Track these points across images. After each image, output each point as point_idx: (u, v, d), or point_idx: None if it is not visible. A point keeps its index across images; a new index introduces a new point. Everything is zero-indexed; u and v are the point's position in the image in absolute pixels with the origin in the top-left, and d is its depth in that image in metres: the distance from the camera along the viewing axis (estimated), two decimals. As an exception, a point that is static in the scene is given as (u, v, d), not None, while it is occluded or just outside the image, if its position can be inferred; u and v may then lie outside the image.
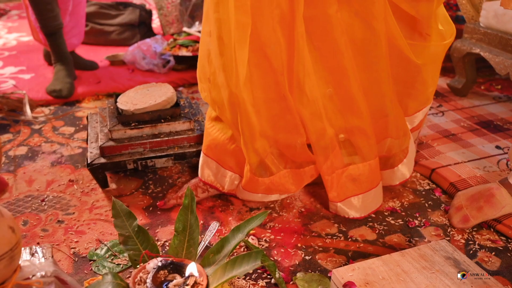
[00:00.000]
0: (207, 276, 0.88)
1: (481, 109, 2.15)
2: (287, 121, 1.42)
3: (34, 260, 0.83)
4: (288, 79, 1.34)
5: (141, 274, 0.87)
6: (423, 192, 1.59)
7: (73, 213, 1.47)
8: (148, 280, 0.84)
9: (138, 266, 0.91)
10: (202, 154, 1.51)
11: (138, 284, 0.85)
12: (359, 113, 1.42)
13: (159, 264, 0.88)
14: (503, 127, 1.97)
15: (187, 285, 0.83)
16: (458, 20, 2.45)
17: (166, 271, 0.87)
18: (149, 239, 0.96)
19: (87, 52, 2.93)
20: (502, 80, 2.49)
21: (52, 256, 0.84)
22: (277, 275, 1.18)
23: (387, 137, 1.52)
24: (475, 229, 1.41)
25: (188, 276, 0.85)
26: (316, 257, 1.29)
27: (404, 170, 1.57)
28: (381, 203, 1.52)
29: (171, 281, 0.85)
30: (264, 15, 1.28)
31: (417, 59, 1.42)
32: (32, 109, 0.60)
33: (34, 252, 0.86)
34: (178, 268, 0.88)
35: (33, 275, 0.79)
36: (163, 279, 0.86)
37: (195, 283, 0.85)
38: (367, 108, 1.43)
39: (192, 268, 0.86)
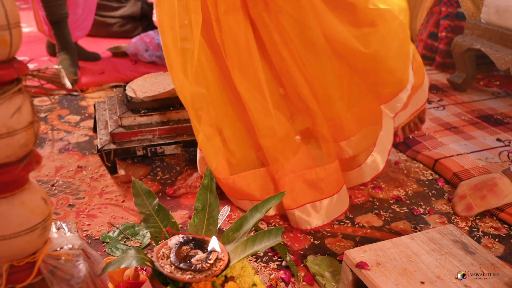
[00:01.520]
0: (228, 253, 0.90)
1: (481, 103, 2.19)
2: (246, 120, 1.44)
3: (61, 233, 0.85)
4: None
5: (163, 250, 0.89)
6: (427, 182, 1.62)
7: (84, 197, 1.49)
8: (172, 255, 0.86)
9: (159, 242, 0.93)
10: (198, 150, 1.51)
11: (161, 259, 0.87)
12: (313, 115, 1.40)
13: (181, 240, 0.90)
14: (503, 121, 2.01)
15: (209, 259, 0.85)
16: (458, 17, 2.49)
17: (188, 247, 0.90)
18: (169, 217, 0.98)
19: (88, 44, 2.94)
20: (501, 76, 2.53)
21: (78, 231, 0.87)
22: (288, 258, 1.21)
23: (346, 138, 1.48)
24: (478, 217, 1.44)
25: (211, 251, 0.87)
26: (325, 241, 1.32)
27: (374, 164, 1.51)
28: (347, 208, 1.45)
29: (194, 256, 0.88)
30: (207, 14, 1.31)
31: (369, 47, 1.38)
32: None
33: (59, 227, 0.88)
34: (200, 244, 0.91)
35: (61, 248, 0.82)
36: (185, 254, 0.89)
37: (217, 258, 0.87)
38: (319, 109, 1.40)
39: (214, 243, 0.89)
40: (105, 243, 1.29)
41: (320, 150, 1.45)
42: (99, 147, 1.56)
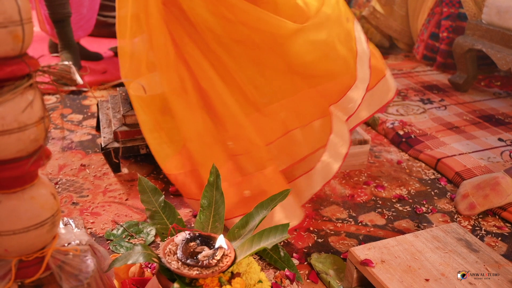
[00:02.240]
0: (234, 249, 0.90)
1: (482, 103, 2.20)
2: None
3: (69, 229, 0.85)
4: None
5: (170, 246, 0.90)
6: (429, 181, 1.63)
7: (87, 195, 1.49)
8: (179, 251, 0.87)
9: (165, 239, 0.93)
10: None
11: (168, 255, 0.87)
12: (234, 121, 1.29)
13: (188, 236, 0.90)
14: (504, 121, 2.02)
15: (216, 256, 0.86)
16: (460, 18, 2.50)
17: (195, 243, 0.90)
18: (175, 214, 0.99)
19: (90, 44, 2.94)
20: (501, 77, 2.54)
21: (85, 227, 0.87)
22: (281, 254, 1.19)
23: (286, 131, 1.34)
24: (481, 216, 1.45)
25: (217, 248, 0.88)
26: (328, 240, 1.33)
27: (326, 169, 1.34)
28: (297, 225, 1.30)
29: (200, 252, 0.88)
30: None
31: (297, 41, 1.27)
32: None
33: (66, 223, 0.88)
34: (206, 241, 0.91)
35: (69, 243, 0.82)
36: (192, 250, 0.89)
37: (224, 255, 0.87)
38: (241, 111, 1.30)
39: (221, 241, 0.89)
40: (109, 241, 1.29)
41: (250, 156, 1.31)
42: (102, 146, 1.56)
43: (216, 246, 0.89)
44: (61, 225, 0.88)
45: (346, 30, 1.37)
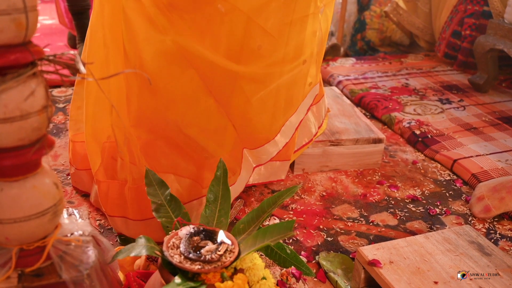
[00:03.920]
0: (238, 244, 0.89)
1: (502, 105, 2.15)
2: None
3: (72, 219, 0.85)
4: None
5: (173, 239, 0.89)
6: (444, 182, 1.60)
7: (98, 187, 1.50)
8: (182, 245, 0.86)
9: (170, 232, 0.93)
10: None
11: (171, 249, 0.87)
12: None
13: (192, 230, 0.90)
14: (524, 123, 1.97)
15: (219, 251, 0.85)
16: (484, 15, 2.44)
17: (198, 237, 0.89)
18: (181, 208, 0.98)
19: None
20: (524, 78, 2.48)
21: (89, 218, 0.87)
22: (288, 251, 1.17)
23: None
24: (496, 219, 1.41)
25: (221, 243, 0.87)
26: (338, 238, 1.31)
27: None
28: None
29: (204, 247, 0.87)
30: None
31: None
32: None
33: (71, 213, 0.89)
34: (210, 236, 0.90)
35: (71, 233, 0.82)
36: (195, 245, 0.88)
37: (227, 250, 0.86)
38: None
39: (222, 236, 0.88)
40: (117, 234, 1.29)
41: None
42: (115, 138, 1.56)
43: (218, 241, 0.88)
44: (64, 215, 0.88)
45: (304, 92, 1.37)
